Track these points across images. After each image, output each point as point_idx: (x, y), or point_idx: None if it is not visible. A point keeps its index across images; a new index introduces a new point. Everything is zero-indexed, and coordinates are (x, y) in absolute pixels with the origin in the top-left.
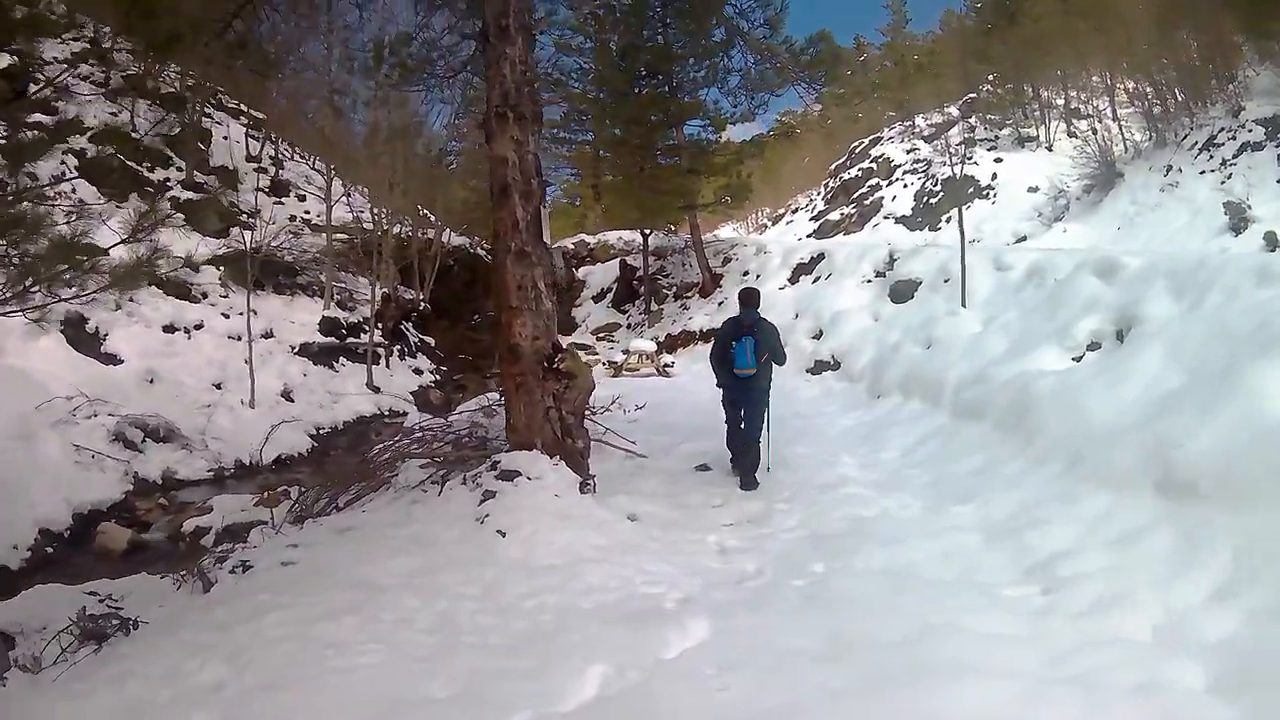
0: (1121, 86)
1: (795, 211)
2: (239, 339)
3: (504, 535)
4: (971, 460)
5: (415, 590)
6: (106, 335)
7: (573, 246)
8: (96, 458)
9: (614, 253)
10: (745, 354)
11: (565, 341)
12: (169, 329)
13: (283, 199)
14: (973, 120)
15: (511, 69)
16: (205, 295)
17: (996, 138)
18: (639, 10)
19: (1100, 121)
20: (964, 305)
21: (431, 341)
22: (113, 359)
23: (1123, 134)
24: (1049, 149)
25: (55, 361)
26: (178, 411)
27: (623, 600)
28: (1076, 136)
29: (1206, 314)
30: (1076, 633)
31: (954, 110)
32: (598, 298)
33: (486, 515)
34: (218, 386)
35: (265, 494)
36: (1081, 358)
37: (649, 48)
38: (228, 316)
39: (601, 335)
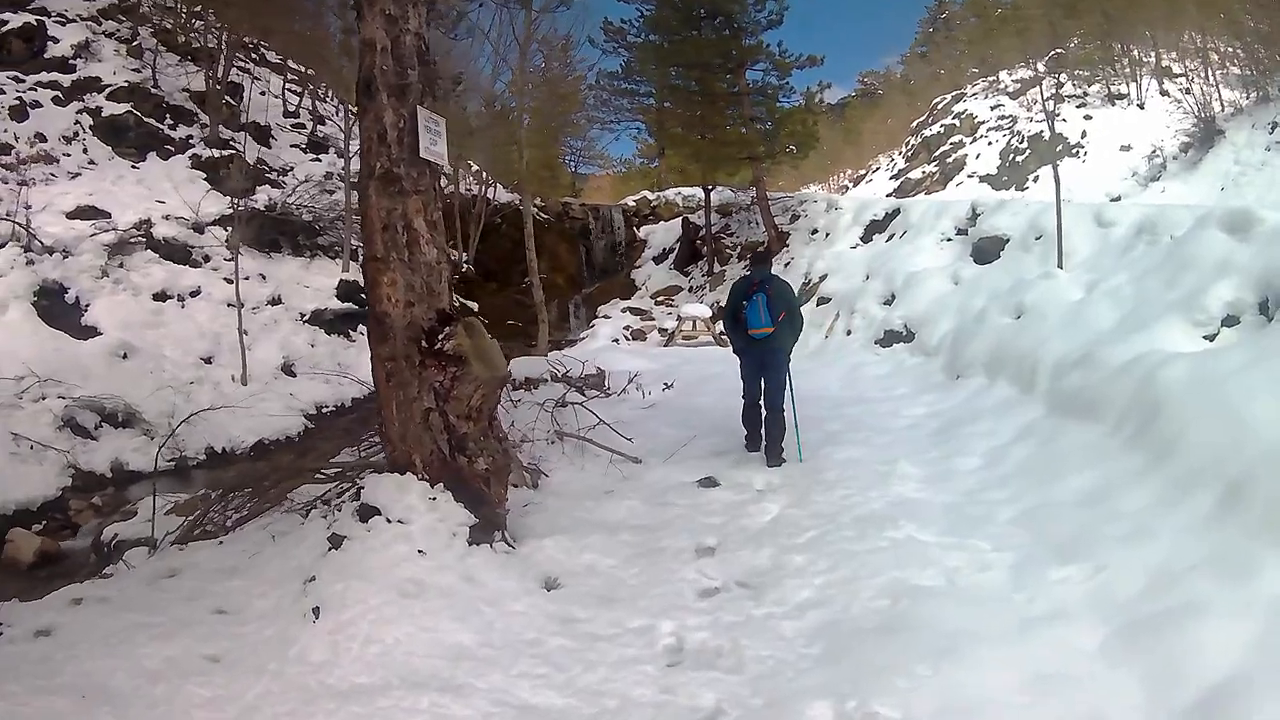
0: (1214, 46)
1: (876, 171)
2: (242, 305)
3: (317, 617)
4: (1079, 480)
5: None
6: (88, 306)
7: (634, 204)
8: (35, 448)
9: (678, 211)
10: (759, 311)
11: (616, 308)
12: (160, 296)
13: (320, 156)
14: (1060, 76)
15: None
16: (208, 259)
17: (1085, 94)
18: None
19: (1193, 81)
20: (1060, 266)
21: (475, 306)
22: (92, 332)
23: (1219, 92)
24: (1141, 107)
25: (19, 336)
26: (147, 391)
27: None
28: (1170, 95)
29: None
30: None
31: (1040, 66)
32: (659, 259)
33: (313, 578)
34: (207, 360)
35: (178, 500)
36: (1216, 335)
37: None
38: (230, 281)
39: (661, 299)
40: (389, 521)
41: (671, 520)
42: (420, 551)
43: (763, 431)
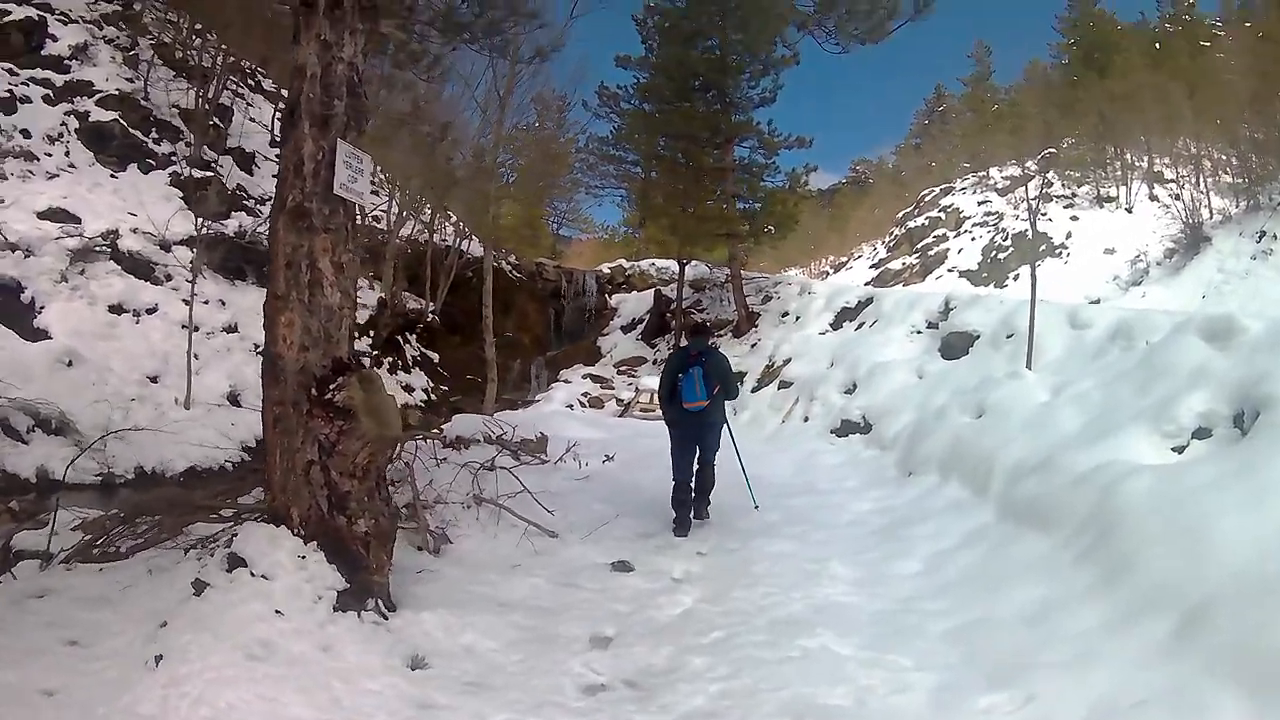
0: (1207, 154)
1: (858, 259)
2: (196, 329)
3: (157, 665)
4: (1024, 594)
5: None
6: (42, 308)
7: (609, 271)
8: None
9: (651, 282)
10: (694, 385)
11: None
12: (116, 309)
13: None
14: (1050, 175)
15: None
16: (170, 278)
17: (1074, 195)
18: (695, 14)
19: (1183, 187)
20: (1029, 367)
21: (435, 357)
22: (42, 335)
23: (1209, 199)
24: (1129, 210)
25: None
26: (86, 402)
27: None
28: (1158, 200)
29: None
30: None
31: (1031, 165)
32: (627, 328)
33: (165, 623)
34: (153, 379)
35: (86, 517)
36: (1185, 447)
37: (703, 58)
38: (188, 303)
39: (624, 369)
40: (252, 575)
41: (573, 604)
42: (278, 612)
43: (692, 488)
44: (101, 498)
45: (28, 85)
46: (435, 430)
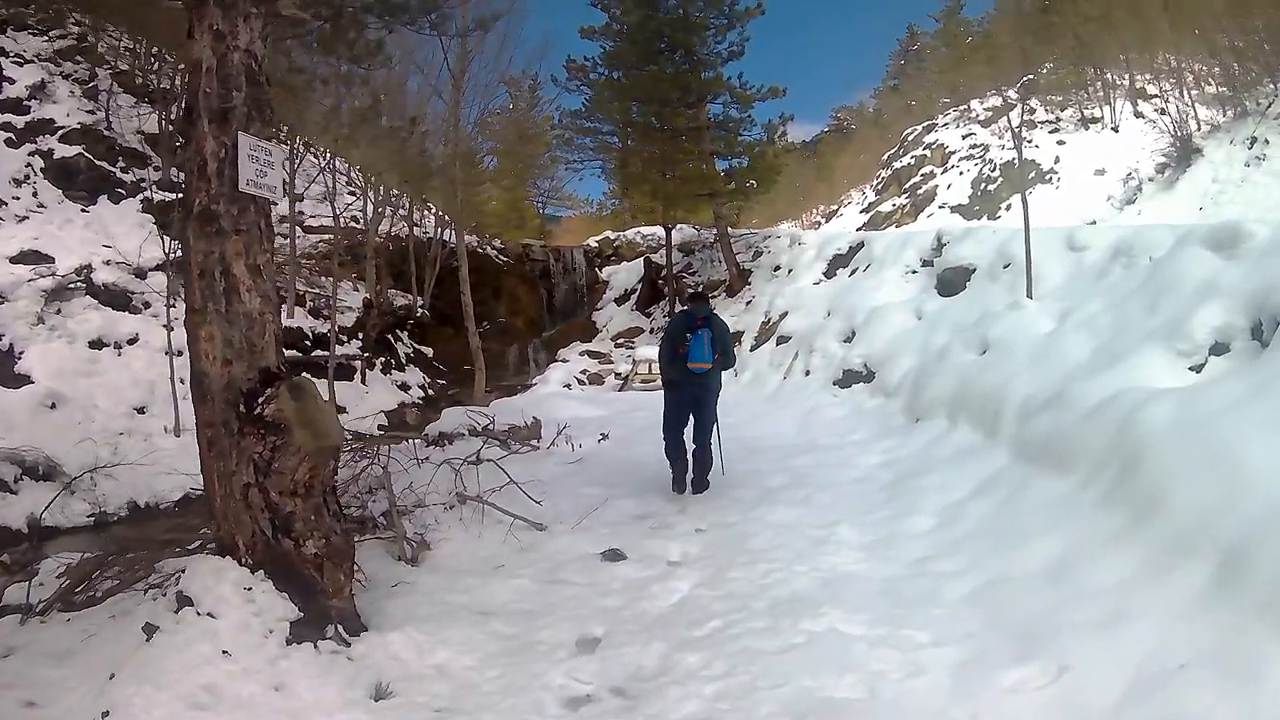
0: (1188, 66)
1: (847, 206)
2: (180, 354)
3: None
4: (1046, 545)
5: None
6: (21, 353)
7: (596, 244)
8: None
9: (640, 251)
10: (702, 347)
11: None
12: (96, 344)
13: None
14: (1032, 102)
15: None
16: (148, 305)
17: (1058, 119)
18: None
19: (1168, 101)
20: (1030, 295)
21: (429, 352)
22: (24, 380)
23: (1195, 111)
24: (1115, 130)
25: None
26: (73, 442)
27: None
28: (1144, 117)
29: None
30: None
31: (1011, 94)
32: (621, 300)
33: (113, 675)
34: (140, 411)
35: (70, 563)
36: (1203, 365)
37: (666, 18)
38: (171, 329)
39: (621, 341)
40: (198, 614)
41: (560, 603)
42: (225, 652)
43: (690, 463)
44: (96, 539)
45: None
46: (413, 430)
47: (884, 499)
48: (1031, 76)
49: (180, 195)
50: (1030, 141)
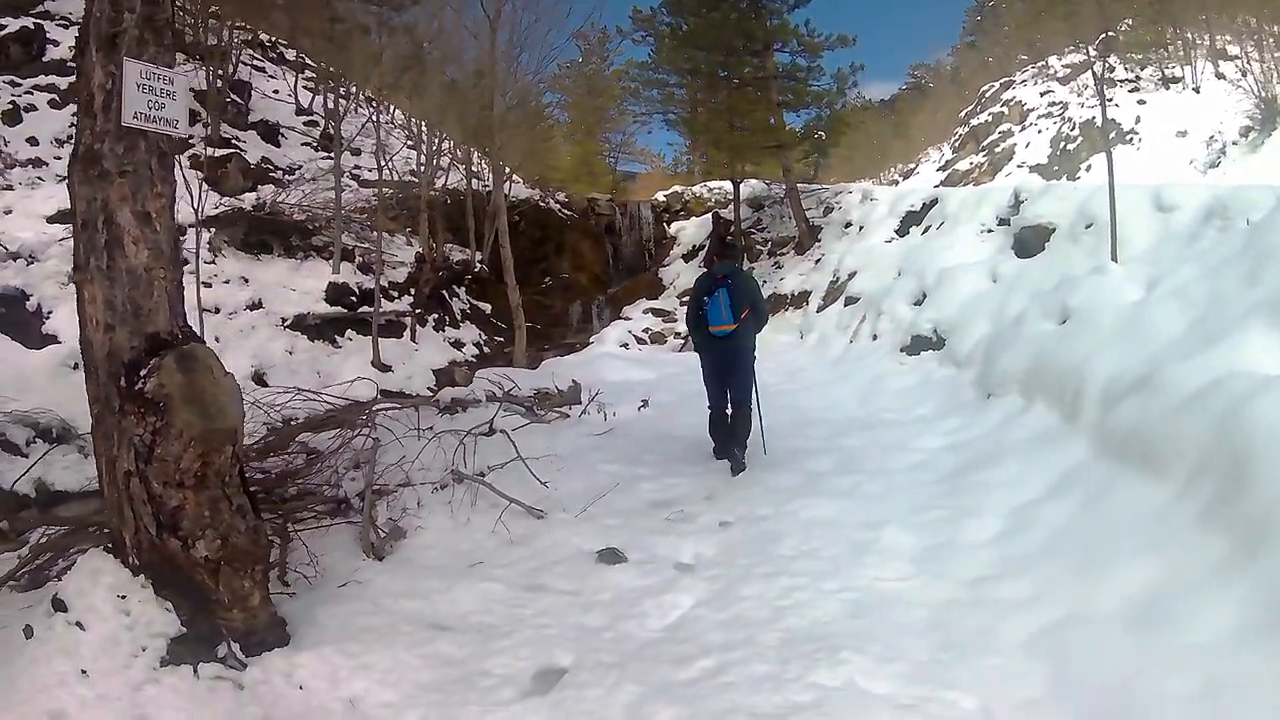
0: (1268, 29)
1: (924, 164)
2: (216, 311)
3: None
4: (1133, 573)
5: None
6: (50, 314)
7: (664, 199)
8: None
9: (708, 206)
10: (720, 308)
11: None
12: None
13: (332, 154)
14: (1111, 60)
15: None
16: (186, 263)
17: (1138, 78)
18: None
19: (1250, 63)
20: (1114, 259)
21: (487, 308)
22: (51, 340)
23: (1278, 71)
24: (1196, 91)
25: None
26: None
27: None
28: (1226, 78)
29: None
30: None
31: (1091, 50)
32: (689, 256)
33: None
34: None
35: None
36: None
37: None
38: (209, 285)
39: (687, 299)
40: (68, 624)
41: (530, 618)
42: (83, 672)
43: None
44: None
45: (31, 94)
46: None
47: (943, 493)
48: (1110, 33)
49: (231, 150)
50: (1111, 100)
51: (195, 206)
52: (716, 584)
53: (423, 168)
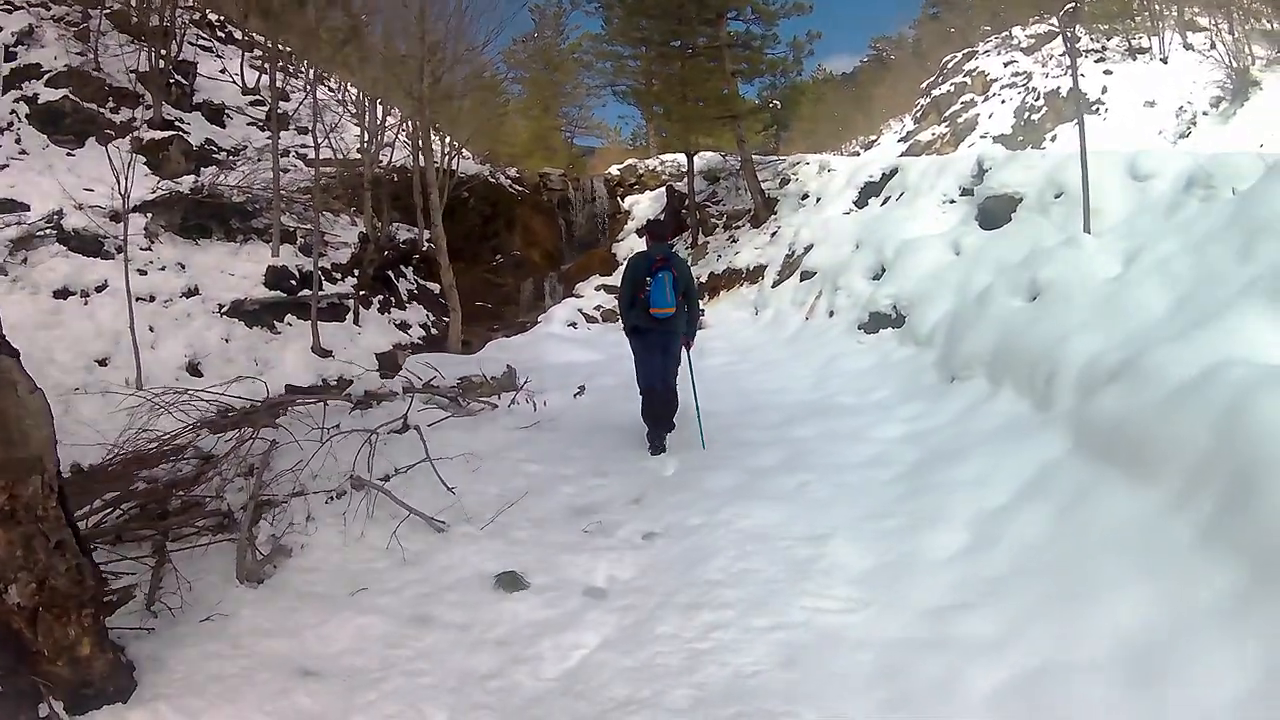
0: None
1: (886, 135)
2: (151, 300)
3: None
4: (1124, 606)
5: None
6: None
7: (618, 172)
8: None
9: (662, 179)
10: (664, 290)
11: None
12: (61, 293)
13: (280, 134)
14: (1077, 29)
15: None
16: (120, 249)
17: (1104, 49)
18: None
19: (1219, 34)
20: (1087, 230)
21: (435, 288)
22: None
23: (1248, 44)
24: (1164, 61)
25: None
26: None
27: None
28: (1194, 49)
29: None
30: None
31: (1054, 21)
32: (642, 231)
33: None
34: (101, 363)
35: None
36: None
37: None
38: (144, 273)
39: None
40: None
41: (406, 661)
42: None
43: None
44: None
45: None
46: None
47: (900, 495)
48: (1076, 3)
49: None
50: (1078, 71)
51: (123, 193)
52: (628, 617)
53: (368, 144)
